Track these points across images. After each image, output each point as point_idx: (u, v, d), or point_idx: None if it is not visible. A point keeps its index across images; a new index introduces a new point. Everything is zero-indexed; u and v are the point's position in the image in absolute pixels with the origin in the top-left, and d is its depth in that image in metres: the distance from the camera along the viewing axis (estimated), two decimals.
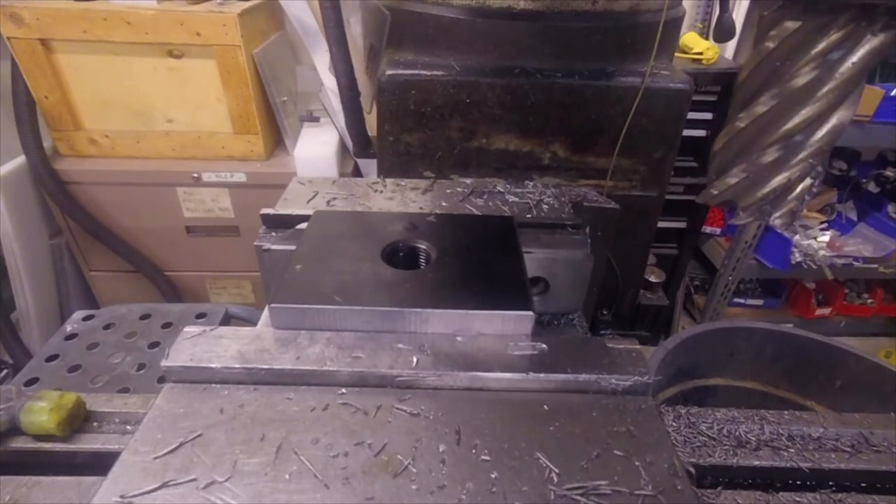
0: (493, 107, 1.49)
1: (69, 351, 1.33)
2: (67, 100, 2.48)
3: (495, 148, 1.55)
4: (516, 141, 1.54)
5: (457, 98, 1.47)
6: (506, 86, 1.46)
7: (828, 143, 0.78)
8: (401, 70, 1.45)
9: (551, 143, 1.55)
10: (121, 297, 2.93)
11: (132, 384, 1.24)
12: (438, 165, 1.57)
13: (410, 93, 1.46)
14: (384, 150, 1.56)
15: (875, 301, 3.77)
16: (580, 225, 1.14)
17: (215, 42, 2.35)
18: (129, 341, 1.36)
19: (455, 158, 1.56)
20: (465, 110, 1.49)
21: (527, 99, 1.48)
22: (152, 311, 1.46)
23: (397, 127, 1.51)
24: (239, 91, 2.49)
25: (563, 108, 1.50)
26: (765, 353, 1.55)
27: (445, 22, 1.43)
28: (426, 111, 1.49)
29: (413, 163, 1.57)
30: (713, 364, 1.56)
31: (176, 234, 2.79)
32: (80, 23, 2.27)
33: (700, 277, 3.92)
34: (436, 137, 1.53)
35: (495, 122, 1.51)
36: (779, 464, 0.84)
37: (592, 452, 0.71)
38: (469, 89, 1.46)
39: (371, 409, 0.76)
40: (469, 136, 1.53)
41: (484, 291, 0.90)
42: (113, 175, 2.59)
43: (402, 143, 1.54)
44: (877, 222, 3.50)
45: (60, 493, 0.75)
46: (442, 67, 1.46)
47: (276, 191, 2.57)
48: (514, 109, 1.49)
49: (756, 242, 3.26)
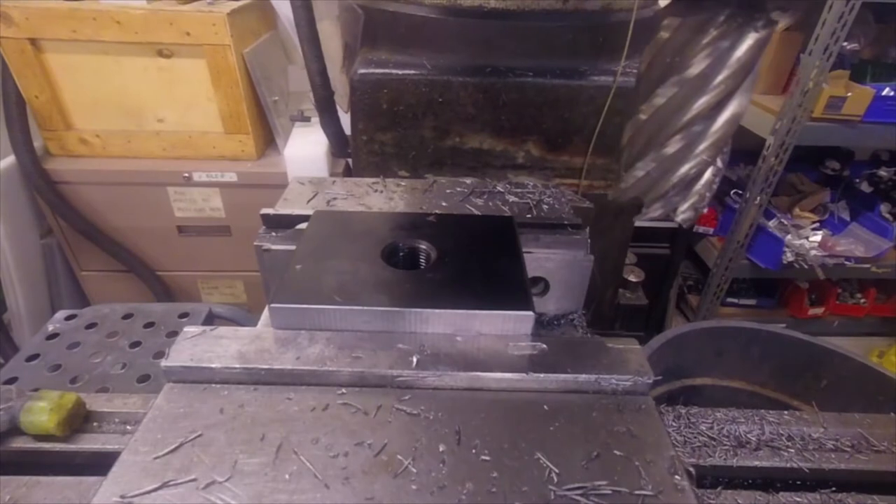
0: (466, 106, 1.48)
1: (50, 350, 1.32)
2: (58, 99, 2.47)
3: (469, 147, 1.55)
4: (490, 140, 1.54)
5: (429, 97, 1.46)
6: (477, 85, 1.45)
7: (726, 132, 0.79)
8: (372, 69, 1.44)
9: (525, 143, 1.55)
10: (112, 297, 2.92)
11: (111, 384, 1.23)
12: (413, 165, 1.56)
13: (382, 92, 1.46)
14: (358, 149, 1.55)
15: (868, 301, 3.79)
16: (580, 225, 1.14)
17: (205, 42, 2.35)
18: (111, 341, 1.35)
19: (429, 158, 1.56)
20: (438, 109, 1.48)
21: (499, 98, 1.47)
22: (135, 310, 1.45)
23: (371, 126, 1.51)
24: (229, 91, 2.48)
25: (536, 107, 1.49)
26: (751, 353, 1.55)
27: (417, 21, 1.42)
28: (399, 110, 1.48)
29: (388, 162, 1.56)
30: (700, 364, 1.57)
31: (167, 234, 2.78)
32: (69, 22, 2.26)
33: (694, 277, 3.93)
34: (409, 137, 1.53)
35: (468, 121, 1.51)
36: (779, 464, 0.85)
37: (592, 452, 0.71)
38: (441, 88, 1.45)
39: (371, 409, 0.76)
40: (442, 135, 1.52)
41: (484, 291, 0.90)
42: (104, 175, 2.58)
43: (377, 143, 1.53)
44: (869, 222, 3.52)
45: (60, 493, 0.75)
46: (414, 66, 1.45)
47: (268, 191, 2.62)
48: (486, 108, 1.49)
49: (748, 242, 3.28)
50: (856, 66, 2.96)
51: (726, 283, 3.45)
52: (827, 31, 2.59)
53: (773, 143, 2.92)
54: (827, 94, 2.78)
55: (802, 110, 2.80)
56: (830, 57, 2.65)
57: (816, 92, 2.76)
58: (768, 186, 3.06)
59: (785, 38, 3.06)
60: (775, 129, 2.91)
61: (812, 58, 2.67)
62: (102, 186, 2.61)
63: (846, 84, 2.88)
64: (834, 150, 3.64)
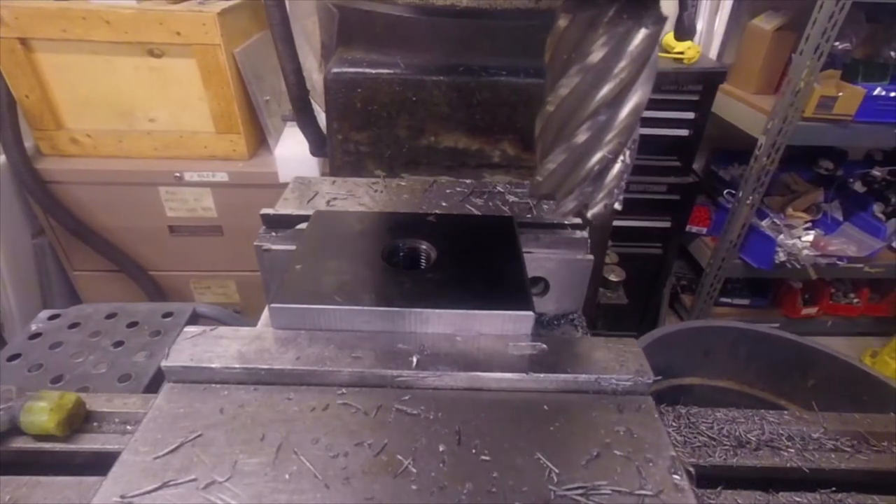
0: (440, 105, 1.47)
1: (32, 350, 1.31)
2: (48, 99, 2.46)
3: (444, 146, 1.54)
4: (465, 139, 1.53)
5: (403, 96, 1.45)
6: (451, 84, 1.45)
7: (630, 123, 0.79)
8: (346, 68, 1.43)
9: (500, 142, 1.54)
10: (105, 296, 2.91)
11: (92, 384, 1.22)
12: (389, 164, 1.56)
13: (357, 91, 1.45)
14: (334, 148, 1.54)
15: (861, 301, 3.82)
16: (580, 225, 1.14)
17: (195, 41, 2.35)
18: (93, 340, 1.34)
19: (405, 157, 1.55)
20: (412, 108, 1.47)
21: (472, 97, 1.46)
22: (119, 310, 1.44)
23: (345, 125, 1.50)
24: (220, 90, 2.48)
25: (510, 106, 1.48)
26: (739, 353, 1.56)
27: (391, 20, 1.42)
28: (373, 109, 1.47)
29: (363, 161, 1.55)
30: (688, 363, 1.57)
31: (159, 234, 2.78)
32: (59, 22, 2.26)
33: (688, 277, 3.96)
34: (384, 136, 1.52)
35: (443, 120, 1.50)
36: (779, 464, 0.85)
37: (592, 452, 0.71)
38: (415, 87, 1.45)
39: (371, 409, 0.76)
40: (417, 134, 1.52)
41: (484, 291, 0.90)
42: (95, 174, 2.58)
43: (352, 142, 1.52)
44: (862, 222, 3.54)
45: (60, 493, 0.74)
46: (388, 65, 1.44)
47: (260, 190, 2.62)
48: (460, 107, 1.48)
49: (741, 242, 3.29)
50: (847, 65, 2.98)
51: (720, 283, 3.47)
52: (818, 31, 2.60)
53: (765, 143, 2.93)
54: (818, 93, 2.80)
55: (794, 110, 2.82)
56: (821, 56, 2.66)
57: (807, 92, 2.78)
58: (760, 186, 3.07)
59: (777, 38, 3.07)
60: (767, 129, 2.93)
61: (803, 57, 2.69)
62: (94, 186, 2.60)
63: (837, 84, 2.89)
64: (828, 149, 3.66)
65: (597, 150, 0.80)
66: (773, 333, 1.53)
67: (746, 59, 3.31)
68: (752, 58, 3.24)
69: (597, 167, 0.81)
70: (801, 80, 2.72)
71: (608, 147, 0.80)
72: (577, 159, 0.83)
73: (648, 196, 3.09)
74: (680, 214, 3.19)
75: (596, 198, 0.85)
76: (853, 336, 3.91)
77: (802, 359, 1.50)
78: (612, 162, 0.82)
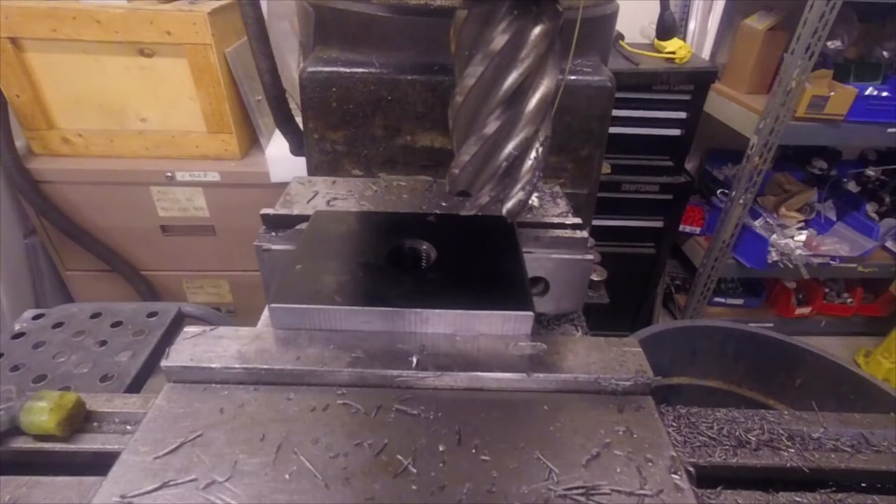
0: (415, 104, 1.47)
1: (15, 350, 1.30)
2: (39, 99, 2.45)
3: (421, 145, 1.54)
4: (441, 138, 1.53)
5: (378, 95, 1.45)
6: (425, 83, 1.45)
7: (539, 113, 0.79)
8: (321, 67, 1.43)
9: None
10: (97, 296, 2.90)
11: (74, 383, 1.21)
12: (366, 163, 1.56)
13: (332, 90, 1.45)
14: (310, 147, 1.54)
15: (855, 300, 3.82)
16: (580, 225, 1.14)
17: (186, 41, 2.34)
18: (77, 340, 1.33)
19: (381, 156, 1.55)
20: (388, 107, 1.48)
21: (447, 96, 1.47)
22: (103, 309, 1.43)
23: (321, 124, 1.50)
24: (211, 90, 2.48)
25: None
26: (727, 352, 1.57)
27: (366, 19, 1.42)
28: (349, 108, 1.47)
29: (340, 161, 1.55)
30: (676, 363, 1.58)
31: (151, 234, 2.77)
32: (49, 21, 2.25)
33: (681, 277, 3.97)
34: (360, 135, 1.52)
35: (418, 120, 1.50)
36: (779, 464, 0.85)
37: (592, 452, 0.72)
38: (389, 86, 1.45)
39: (371, 410, 0.76)
40: (393, 133, 1.52)
41: (484, 291, 0.90)
42: (87, 174, 2.57)
43: (328, 141, 1.52)
44: (855, 221, 3.55)
45: (60, 493, 0.74)
46: (363, 64, 1.44)
47: (252, 190, 2.61)
48: (435, 107, 1.48)
49: (734, 242, 3.30)
50: (839, 65, 2.99)
51: (713, 283, 3.47)
52: (809, 31, 2.61)
53: (757, 143, 2.94)
54: (810, 93, 2.80)
55: (785, 110, 2.82)
56: (812, 56, 2.67)
57: (799, 91, 2.78)
58: (753, 186, 3.08)
59: (769, 38, 3.08)
60: (759, 129, 2.94)
61: (794, 57, 2.70)
62: (85, 186, 2.59)
63: (829, 83, 2.90)
64: (821, 149, 3.67)
65: (509, 141, 0.81)
66: (760, 333, 1.54)
67: (739, 58, 3.32)
68: (745, 57, 3.24)
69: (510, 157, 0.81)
70: (793, 79, 2.73)
71: (519, 137, 0.80)
72: (489, 150, 0.83)
73: (641, 196, 3.09)
74: (672, 214, 3.19)
75: (510, 192, 0.86)
76: (846, 336, 3.92)
77: (789, 358, 1.51)
78: (524, 154, 0.82)
